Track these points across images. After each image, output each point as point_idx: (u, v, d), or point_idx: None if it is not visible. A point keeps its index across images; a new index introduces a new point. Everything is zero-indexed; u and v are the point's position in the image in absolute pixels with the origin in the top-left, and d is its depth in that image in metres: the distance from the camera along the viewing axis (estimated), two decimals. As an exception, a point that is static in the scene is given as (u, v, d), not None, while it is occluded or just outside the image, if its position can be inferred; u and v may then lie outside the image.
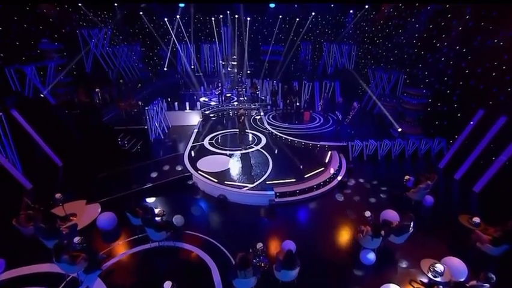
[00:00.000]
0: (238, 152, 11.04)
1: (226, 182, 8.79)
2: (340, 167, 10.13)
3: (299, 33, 22.93)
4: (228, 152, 11.02)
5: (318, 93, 16.73)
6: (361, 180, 9.73)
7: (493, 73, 9.43)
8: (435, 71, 12.01)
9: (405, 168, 10.89)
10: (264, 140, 12.32)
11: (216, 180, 8.86)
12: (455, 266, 5.64)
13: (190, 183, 9.13)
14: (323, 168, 9.74)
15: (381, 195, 8.92)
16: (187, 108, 15.62)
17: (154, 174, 9.50)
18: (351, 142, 11.18)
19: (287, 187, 8.64)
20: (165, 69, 23.49)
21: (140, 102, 14.13)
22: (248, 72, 23.23)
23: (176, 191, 9.01)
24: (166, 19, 22.00)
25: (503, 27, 9.00)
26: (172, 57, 23.42)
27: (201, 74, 23.64)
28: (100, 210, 7.94)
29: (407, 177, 8.80)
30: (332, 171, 9.59)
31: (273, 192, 8.27)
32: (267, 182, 8.82)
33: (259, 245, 5.70)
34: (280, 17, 22.61)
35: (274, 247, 6.66)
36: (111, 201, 8.31)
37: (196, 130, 13.62)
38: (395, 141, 11.35)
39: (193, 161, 10.25)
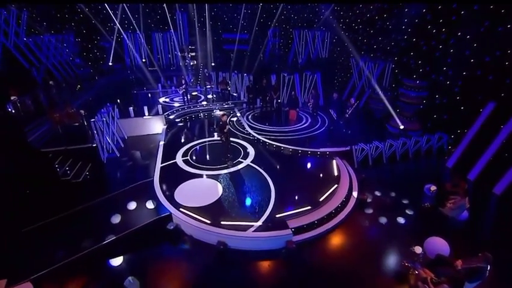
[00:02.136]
0: (226, 171, 8.74)
1: (223, 223, 6.47)
2: (350, 179, 8.55)
3: (264, 19, 20.83)
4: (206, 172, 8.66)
5: (298, 87, 14.95)
6: (377, 194, 8.26)
7: (506, 62, 8.60)
8: (432, 60, 11.03)
9: (413, 170, 9.83)
10: (251, 151, 10.16)
11: (209, 222, 6.49)
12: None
13: (171, 227, 6.61)
14: (336, 186, 8.03)
15: (407, 211, 7.52)
16: (146, 113, 12.64)
17: (116, 219, 6.72)
18: (354, 146, 9.67)
19: (302, 218, 6.72)
20: (110, 63, 19.43)
21: (82, 111, 10.69)
22: (213, 64, 20.45)
23: (152, 242, 6.44)
24: (105, 3, 17.91)
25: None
26: (119, 49, 19.45)
27: (156, 68, 20.18)
28: (33, 294, 5.10)
29: (433, 188, 7.58)
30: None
31: (289, 232, 6.25)
32: (277, 216, 6.76)
33: None
34: (244, 5, 20.19)
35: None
36: (51, 276, 5.46)
37: (162, 142, 10.83)
38: (398, 140, 10.18)
39: (169, 189, 7.70)
